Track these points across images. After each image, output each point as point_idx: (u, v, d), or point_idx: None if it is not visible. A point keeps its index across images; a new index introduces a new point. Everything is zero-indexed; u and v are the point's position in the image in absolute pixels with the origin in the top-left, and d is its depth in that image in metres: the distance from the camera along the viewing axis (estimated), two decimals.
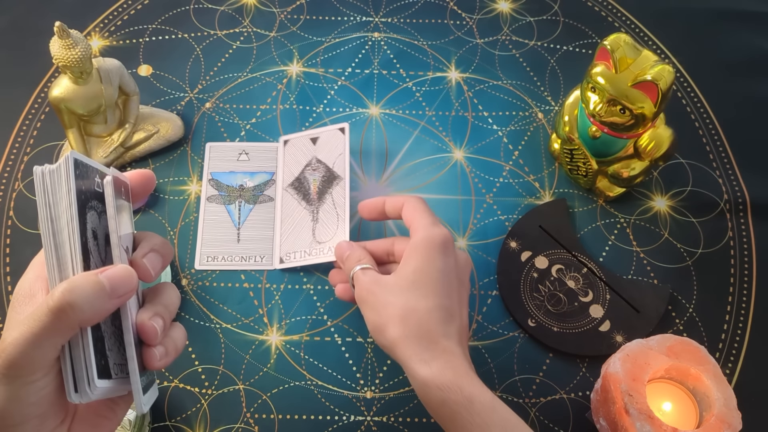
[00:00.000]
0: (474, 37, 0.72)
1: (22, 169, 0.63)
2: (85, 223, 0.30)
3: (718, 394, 0.46)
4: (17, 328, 0.29)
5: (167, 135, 0.64)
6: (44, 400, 0.31)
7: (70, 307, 0.29)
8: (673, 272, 0.59)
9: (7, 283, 0.58)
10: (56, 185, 0.30)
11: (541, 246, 0.59)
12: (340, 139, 0.62)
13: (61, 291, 0.29)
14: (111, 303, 0.30)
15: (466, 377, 0.40)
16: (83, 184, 0.31)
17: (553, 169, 0.65)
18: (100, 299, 0.30)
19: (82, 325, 0.30)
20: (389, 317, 0.42)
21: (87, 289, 0.29)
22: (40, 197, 0.30)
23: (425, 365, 0.40)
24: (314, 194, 0.60)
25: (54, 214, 0.30)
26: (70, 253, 0.30)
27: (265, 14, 0.73)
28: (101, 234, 0.32)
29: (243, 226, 0.61)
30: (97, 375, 0.30)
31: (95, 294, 0.30)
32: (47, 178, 0.30)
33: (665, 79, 0.51)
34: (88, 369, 0.30)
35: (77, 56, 0.55)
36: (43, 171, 0.30)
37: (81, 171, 0.31)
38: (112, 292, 0.30)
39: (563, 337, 0.56)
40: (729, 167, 0.65)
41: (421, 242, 0.44)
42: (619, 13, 0.75)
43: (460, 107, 0.68)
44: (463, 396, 0.39)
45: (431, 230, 0.45)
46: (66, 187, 0.30)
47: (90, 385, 0.30)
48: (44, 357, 0.30)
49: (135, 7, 0.74)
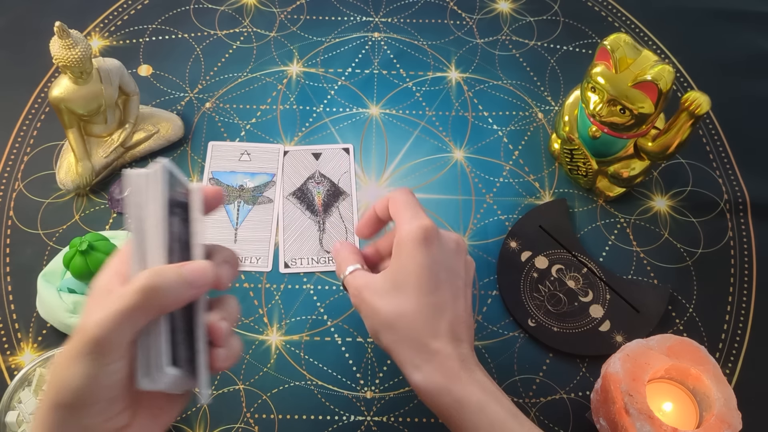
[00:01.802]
0: (474, 37, 0.72)
1: (22, 169, 0.63)
2: (171, 228, 0.33)
3: (718, 394, 0.46)
4: (100, 310, 0.31)
5: (167, 135, 0.64)
6: (116, 384, 0.32)
7: (154, 289, 0.31)
8: (673, 272, 0.59)
9: (7, 283, 0.58)
10: (148, 189, 0.33)
11: (541, 246, 0.59)
12: (344, 158, 0.63)
13: (148, 274, 0.32)
14: (188, 292, 0.33)
15: (455, 379, 0.40)
16: (171, 191, 0.34)
17: (553, 169, 0.65)
18: (180, 287, 0.32)
19: (161, 311, 0.32)
20: (380, 324, 0.42)
21: (170, 276, 0.32)
22: (131, 198, 0.33)
23: (417, 370, 0.40)
24: (319, 206, 0.61)
25: (144, 215, 0.33)
26: (155, 249, 0.32)
27: (265, 14, 0.73)
28: (181, 239, 0.35)
29: (241, 226, 0.61)
30: (169, 362, 0.32)
31: (176, 281, 0.32)
32: (141, 181, 0.33)
33: (665, 79, 0.51)
34: (160, 356, 0.32)
35: (77, 56, 0.55)
36: (138, 174, 0.33)
37: (171, 180, 0.34)
38: (191, 282, 0.33)
39: (563, 337, 0.56)
40: (729, 167, 0.65)
41: (401, 239, 0.42)
42: (619, 13, 0.75)
43: (460, 107, 0.68)
44: (452, 398, 0.39)
45: (410, 224, 0.42)
46: (157, 191, 0.33)
47: (160, 372, 0.32)
48: (123, 338, 0.31)
49: (135, 7, 0.74)
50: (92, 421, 0.32)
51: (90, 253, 0.50)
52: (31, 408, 0.47)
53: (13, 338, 0.56)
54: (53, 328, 0.55)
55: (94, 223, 0.61)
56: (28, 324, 0.56)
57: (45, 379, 0.49)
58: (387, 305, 0.42)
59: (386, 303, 0.42)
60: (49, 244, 0.59)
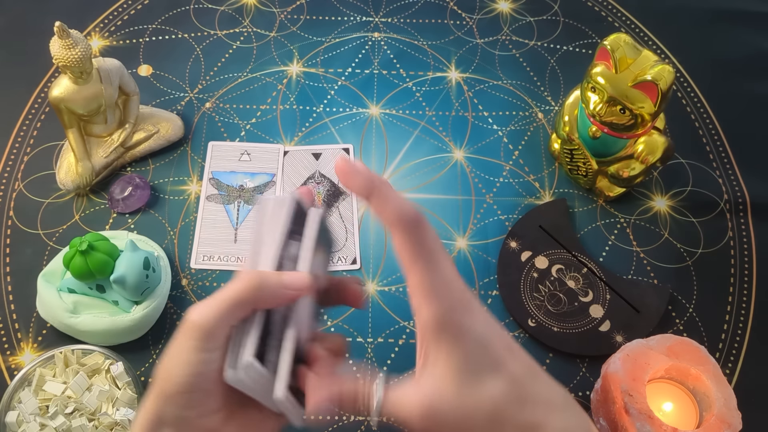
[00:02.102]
0: (474, 37, 0.72)
1: (22, 169, 0.63)
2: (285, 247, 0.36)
3: (718, 394, 0.46)
4: (205, 302, 0.33)
5: (167, 135, 0.64)
6: (210, 375, 0.33)
7: (259, 283, 0.33)
8: (673, 272, 0.59)
9: (7, 283, 0.58)
10: (274, 213, 0.36)
11: (541, 246, 0.59)
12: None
13: (251, 271, 0.34)
14: (284, 293, 0.34)
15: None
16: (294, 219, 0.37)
17: (553, 169, 0.65)
18: (277, 286, 0.34)
19: (258, 304, 0.34)
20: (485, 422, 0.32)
21: (270, 276, 0.34)
22: (259, 219, 0.36)
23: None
24: (319, 206, 0.61)
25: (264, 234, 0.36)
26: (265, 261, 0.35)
27: (265, 14, 0.73)
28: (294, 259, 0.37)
29: (241, 226, 0.61)
30: (252, 354, 0.32)
31: (275, 281, 0.34)
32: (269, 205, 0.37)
33: (665, 79, 0.51)
34: (245, 346, 0.33)
35: (77, 56, 0.55)
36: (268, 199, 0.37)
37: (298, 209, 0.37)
38: (287, 284, 0.34)
39: (563, 337, 0.56)
40: (729, 167, 0.65)
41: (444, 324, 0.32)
42: (619, 13, 0.75)
43: (460, 107, 0.68)
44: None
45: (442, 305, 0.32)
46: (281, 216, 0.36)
47: (241, 361, 0.32)
48: (223, 327, 0.33)
49: (135, 7, 0.74)
50: (188, 414, 0.33)
51: (90, 253, 0.50)
52: (31, 408, 0.47)
53: (13, 338, 0.56)
54: (53, 328, 0.55)
55: (94, 223, 0.61)
56: (28, 324, 0.56)
57: (45, 379, 0.49)
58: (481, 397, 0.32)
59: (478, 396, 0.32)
60: (49, 244, 0.59)
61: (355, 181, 0.34)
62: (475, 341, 0.33)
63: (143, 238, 0.58)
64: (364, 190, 0.34)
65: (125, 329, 0.53)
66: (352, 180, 0.34)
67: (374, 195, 0.34)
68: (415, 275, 0.33)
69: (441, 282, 0.33)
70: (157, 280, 0.55)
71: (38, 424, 0.47)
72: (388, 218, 0.33)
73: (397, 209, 0.33)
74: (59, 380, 0.49)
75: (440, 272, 0.33)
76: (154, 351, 0.55)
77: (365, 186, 0.34)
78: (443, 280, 0.33)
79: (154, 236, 0.59)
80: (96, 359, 0.50)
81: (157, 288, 0.54)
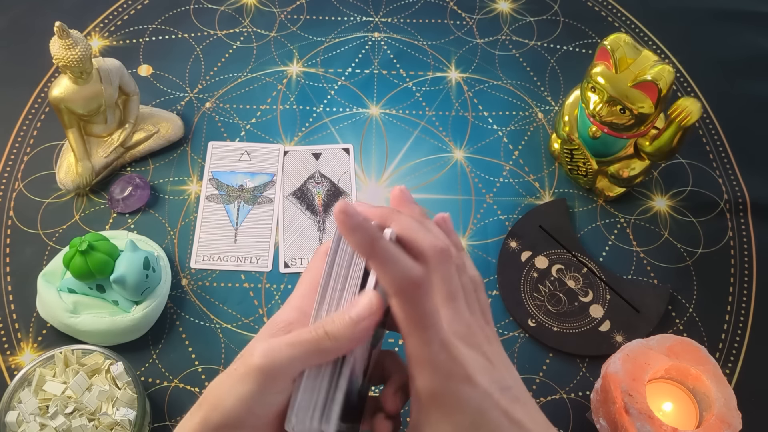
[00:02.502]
0: (474, 37, 0.72)
1: (22, 169, 0.63)
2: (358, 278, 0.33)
3: (718, 394, 0.46)
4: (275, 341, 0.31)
5: (167, 135, 0.64)
6: (262, 415, 0.31)
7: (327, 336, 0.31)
8: (673, 272, 0.59)
9: (7, 283, 0.58)
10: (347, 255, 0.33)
11: (541, 246, 0.59)
12: (344, 158, 0.63)
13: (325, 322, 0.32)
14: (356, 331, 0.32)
15: None
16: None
17: (553, 169, 0.65)
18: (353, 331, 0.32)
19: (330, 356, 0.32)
20: None
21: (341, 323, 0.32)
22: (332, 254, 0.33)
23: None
24: (319, 206, 0.61)
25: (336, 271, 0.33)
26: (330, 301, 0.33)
27: (265, 14, 0.73)
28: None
29: (241, 226, 0.61)
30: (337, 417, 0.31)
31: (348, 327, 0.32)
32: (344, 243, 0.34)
33: (665, 79, 0.51)
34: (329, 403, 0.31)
35: (77, 56, 0.55)
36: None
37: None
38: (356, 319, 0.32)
39: (563, 337, 0.56)
40: (729, 167, 0.65)
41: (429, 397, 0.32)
42: (619, 13, 0.75)
43: (460, 107, 0.68)
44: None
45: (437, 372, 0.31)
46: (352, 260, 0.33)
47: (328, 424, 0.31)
48: (290, 375, 0.31)
49: (135, 7, 0.74)
50: None
51: (90, 253, 0.50)
52: (32, 408, 0.47)
53: (13, 338, 0.56)
54: (53, 328, 0.55)
55: (94, 223, 0.61)
56: (28, 324, 0.56)
57: (45, 379, 0.49)
58: None
59: None
60: (49, 244, 0.59)
61: (353, 238, 0.31)
62: (472, 412, 0.31)
63: (143, 238, 0.58)
64: (363, 251, 0.31)
65: (125, 329, 0.53)
66: (350, 236, 0.31)
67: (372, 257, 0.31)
68: (411, 344, 0.31)
69: (438, 351, 0.31)
70: (157, 280, 0.55)
71: (38, 424, 0.47)
72: (387, 285, 0.31)
73: (397, 277, 0.31)
74: (59, 380, 0.49)
75: (437, 340, 0.31)
76: (154, 351, 0.55)
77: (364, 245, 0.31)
78: (440, 348, 0.31)
79: (154, 236, 0.59)
80: (96, 359, 0.50)
81: (157, 288, 0.54)
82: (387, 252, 0.31)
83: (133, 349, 0.55)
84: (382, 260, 0.31)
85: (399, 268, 0.30)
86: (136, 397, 0.48)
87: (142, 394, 0.48)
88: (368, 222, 0.31)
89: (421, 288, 0.31)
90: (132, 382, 0.49)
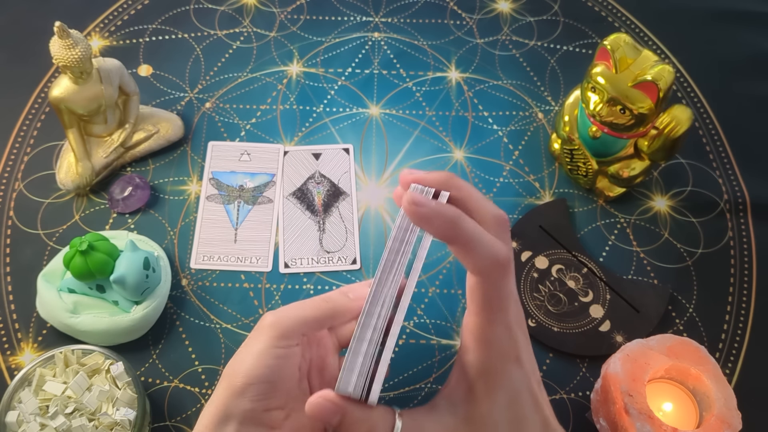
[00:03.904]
0: (474, 37, 0.72)
1: (22, 169, 0.63)
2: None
3: (718, 394, 0.46)
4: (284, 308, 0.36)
5: (167, 135, 0.64)
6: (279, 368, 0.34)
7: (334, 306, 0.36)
8: (673, 272, 0.59)
9: (7, 283, 0.58)
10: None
11: (541, 246, 0.59)
12: (344, 158, 0.63)
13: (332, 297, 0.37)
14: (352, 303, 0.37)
15: None
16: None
17: (553, 169, 0.65)
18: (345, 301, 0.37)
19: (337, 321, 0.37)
20: None
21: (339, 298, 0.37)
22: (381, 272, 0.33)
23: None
24: (319, 206, 0.61)
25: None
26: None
27: (265, 14, 0.73)
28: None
29: (241, 226, 0.61)
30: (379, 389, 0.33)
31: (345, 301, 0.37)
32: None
33: (665, 79, 0.51)
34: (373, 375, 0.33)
35: (77, 56, 0.55)
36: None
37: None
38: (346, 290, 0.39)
39: (563, 337, 0.56)
40: (729, 167, 0.65)
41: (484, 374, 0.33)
42: (619, 13, 0.75)
43: (460, 107, 0.68)
44: None
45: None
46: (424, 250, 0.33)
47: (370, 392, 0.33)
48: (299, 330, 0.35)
49: (135, 7, 0.74)
50: (255, 406, 0.33)
51: (90, 253, 0.50)
52: (32, 408, 0.47)
53: (13, 338, 0.56)
54: (53, 328, 0.55)
55: (94, 223, 0.61)
56: (28, 324, 0.56)
57: (45, 379, 0.49)
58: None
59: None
60: (49, 244, 0.59)
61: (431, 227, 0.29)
62: (511, 391, 0.32)
63: (143, 238, 0.58)
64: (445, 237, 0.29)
65: (125, 329, 0.53)
66: (427, 226, 0.29)
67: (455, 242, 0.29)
68: (478, 321, 0.31)
69: (502, 331, 0.31)
70: (157, 280, 0.55)
71: (38, 424, 0.47)
72: (471, 266, 0.30)
73: (484, 258, 0.29)
74: (59, 380, 0.49)
75: (505, 322, 0.31)
76: (154, 351, 0.55)
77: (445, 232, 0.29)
78: (504, 329, 0.31)
79: (154, 236, 0.59)
80: (96, 359, 0.50)
81: (157, 288, 0.54)
82: (470, 234, 0.29)
83: (133, 349, 0.55)
84: (466, 243, 0.29)
85: (485, 249, 0.29)
86: (136, 397, 0.48)
87: (142, 394, 0.48)
88: (442, 206, 0.29)
89: (507, 269, 0.30)
90: (132, 382, 0.49)
